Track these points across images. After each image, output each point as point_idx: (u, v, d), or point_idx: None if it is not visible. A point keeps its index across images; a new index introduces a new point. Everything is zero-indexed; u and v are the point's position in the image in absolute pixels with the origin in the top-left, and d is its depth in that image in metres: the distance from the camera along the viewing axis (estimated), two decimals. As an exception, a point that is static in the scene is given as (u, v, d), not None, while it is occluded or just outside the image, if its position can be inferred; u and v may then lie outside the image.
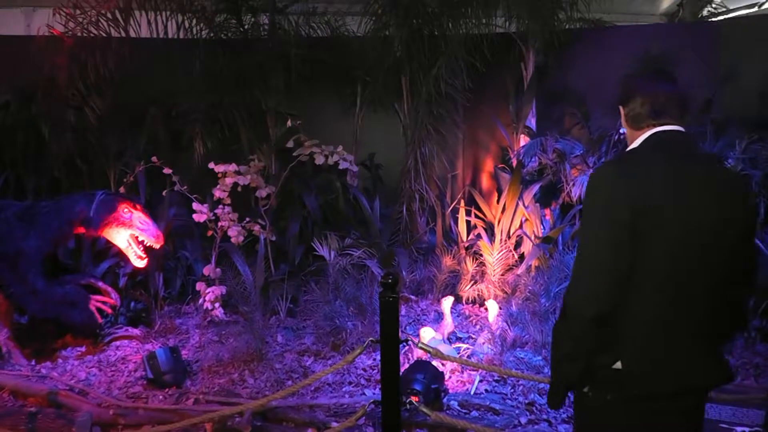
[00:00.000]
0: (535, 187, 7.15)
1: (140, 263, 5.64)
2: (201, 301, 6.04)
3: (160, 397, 4.87)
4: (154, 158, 6.18)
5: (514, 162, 7.44)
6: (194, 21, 7.14)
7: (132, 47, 6.93)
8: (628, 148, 2.52)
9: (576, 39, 7.87)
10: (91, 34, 6.90)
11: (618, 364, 2.33)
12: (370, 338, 3.69)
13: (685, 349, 2.36)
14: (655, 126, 2.46)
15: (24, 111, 7.41)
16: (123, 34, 6.92)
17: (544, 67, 7.87)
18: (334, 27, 7.72)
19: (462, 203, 7.35)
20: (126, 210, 5.49)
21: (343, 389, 4.97)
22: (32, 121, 7.34)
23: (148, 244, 5.60)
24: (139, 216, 5.53)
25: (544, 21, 7.47)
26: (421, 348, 3.79)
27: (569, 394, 2.56)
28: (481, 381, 4.99)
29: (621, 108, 2.60)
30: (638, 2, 10.33)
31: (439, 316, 6.13)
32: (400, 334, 3.57)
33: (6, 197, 6.79)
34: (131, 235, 5.54)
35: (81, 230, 5.52)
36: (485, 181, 8.21)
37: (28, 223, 5.34)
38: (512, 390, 4.83)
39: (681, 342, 2.35)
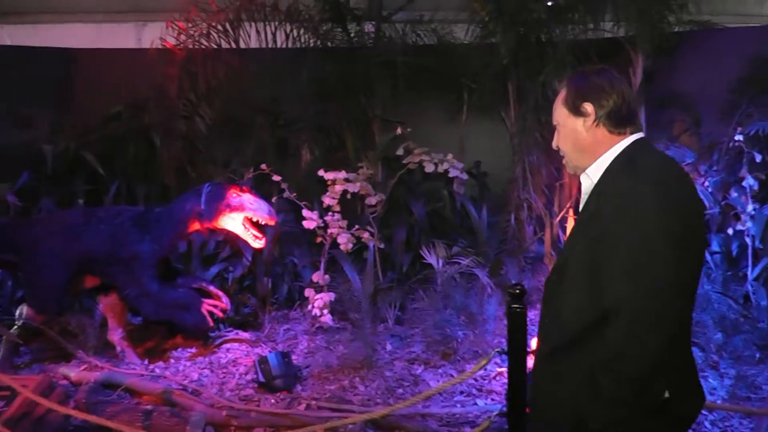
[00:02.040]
0: (644, 196, 6.87)
1: (259, 244, 5.62)
2: (309, 307, 6.03)
3: (272, 401, 4.87)
4: (263, 165, 6.23)
5: (623, 170, 7.19)
6: (301, 30, 7.24)
7: (241, 57, 7.07)
8: (614, 162, 2.11)
9: (685, 42, 7.56)
10: (202, 46, 7.07)
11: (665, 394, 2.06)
12: (497, 349, 3.56)
13: (693, 364, 2.26)
14: (635, 131, 2.13)
15: (135, 121, 7.64)
16: (233, 45, 7.07)
17: (652, 71, 7.58)
18: (440, 34, 7.67)
19: (570, 212, 7.14)
20: (235, 195, 5.49)
21: (455, 399, 4.86)
22: (143, 131, 7.58)
23: (263, 223, 5.57)
24: (248, 198, 5.52)
25: (653, 24, 7.20)
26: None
27: None
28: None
29: (591, 106, 2.13)
30: (749, 3, 9.89)
31: (549, 327, 5.94)
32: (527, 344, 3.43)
33: (118, 204, 7.01)
34: (245, 218, 5.51)
35: (196, 226, 5.54)
36: (593, 190, 7.96)
37: (142, 228, 5.44)
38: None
39: (691, 359, 2.26)
